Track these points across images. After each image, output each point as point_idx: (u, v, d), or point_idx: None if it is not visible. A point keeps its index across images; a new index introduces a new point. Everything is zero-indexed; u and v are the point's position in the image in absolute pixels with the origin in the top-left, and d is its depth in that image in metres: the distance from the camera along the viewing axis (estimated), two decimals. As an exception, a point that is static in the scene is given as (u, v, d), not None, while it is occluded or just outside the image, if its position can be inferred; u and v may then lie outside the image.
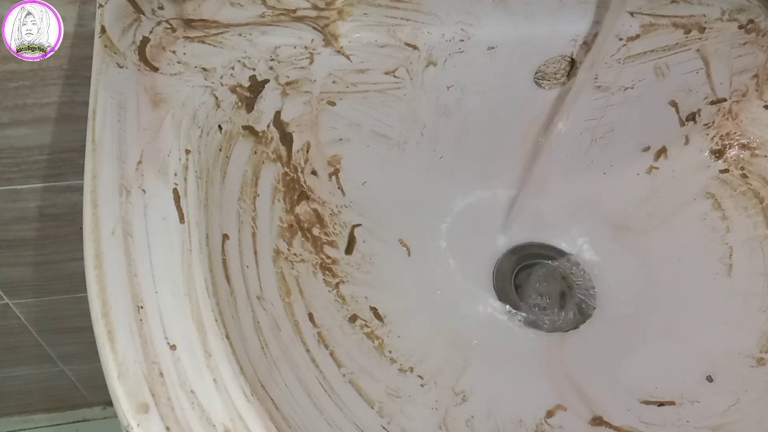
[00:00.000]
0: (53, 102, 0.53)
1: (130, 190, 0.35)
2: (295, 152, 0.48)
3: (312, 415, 0.39)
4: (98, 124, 0.37)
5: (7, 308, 0.78)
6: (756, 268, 0.49)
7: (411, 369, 0.46)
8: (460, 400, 0.45)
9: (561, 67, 0.48)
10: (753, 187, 0.51)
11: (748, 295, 0.49)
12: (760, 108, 0.51)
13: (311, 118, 0.47)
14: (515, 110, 0.50)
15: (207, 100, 0.41)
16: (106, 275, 0.32)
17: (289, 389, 0.39)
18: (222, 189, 0.41)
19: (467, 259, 0.52)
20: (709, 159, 0.53)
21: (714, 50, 0.49)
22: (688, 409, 0.46)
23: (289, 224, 0.47)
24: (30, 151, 0.57)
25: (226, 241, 0.39)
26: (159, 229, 0.34)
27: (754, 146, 0.52)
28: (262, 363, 0.38)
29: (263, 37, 0.43)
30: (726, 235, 0.51)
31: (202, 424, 0.29)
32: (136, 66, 0.40)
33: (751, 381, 0.46)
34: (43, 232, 0.67)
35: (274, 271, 0.44)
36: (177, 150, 0.37)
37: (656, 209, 0.54)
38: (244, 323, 0.38)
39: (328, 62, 0.44)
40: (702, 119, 0.52)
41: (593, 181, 0.54)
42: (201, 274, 0.33)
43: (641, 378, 0.47)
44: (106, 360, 0.30)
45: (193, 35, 0.42)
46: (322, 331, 0.44)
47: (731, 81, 0.51)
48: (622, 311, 0.51)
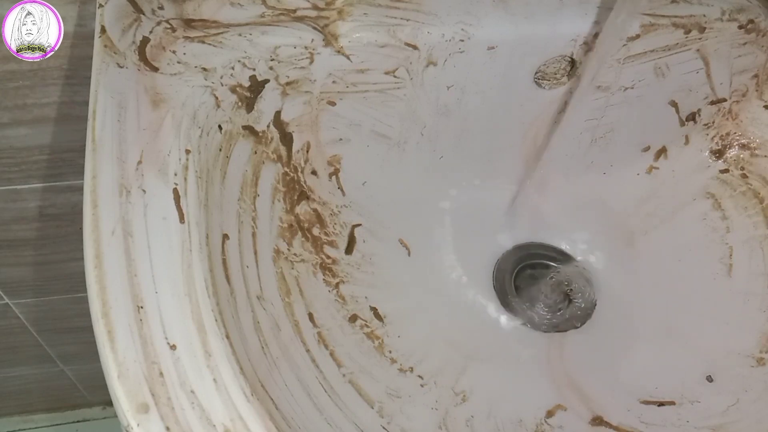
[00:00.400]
0: (53, 102, 0.53)
1: (130, 190, 0.35)
2: (295, 152, 0.48)
3: (312, 415, 0.39)
4: (98, 124, 0.37)
5: (7, 308, 0.78)
6: (756, 268, 0.49)
7: (411, 369, 0.46)
8: (460, 400, 0.45)
9: (561, 67, 0.48)
10: (753, 187, 0.51)
11: (748, 295, 0.49)
12: (760, 108, 0.51)
13: (311, 118, 0.47)
14: (515, 110, 0.50)
15: (207, 100, 0.41)
16: (106, 275, 0.32)
17: (289, 389, 0.39)
18: (222, 189, 0.41)
19: (467, 259, 0.52)
20: (709, 159, 0.53)
21: (714, 50, 0.49)
22: (688, 409, 0.46)
23: (289, 224, 0.47)
24: (30, 151, 0.57)
25: (226, 241, 0.39)
26: (159, 229, 0.34)
27: (754, 146, 0.52)
28: (262, 363, 0.38)
29: (263, 37, 0.43)
30: (726, 235, 0.51)
31: (202, 424, 0.29)
32: (136, 66, 0.40)
33: (751, 381, 0.46)
34: (43, 232, 0.67)
35: (274, 271, 0.44)
36: (177, 150, 0.37)
37: (656, 209, 0.54)
38: (244, 323, 0.38)
39: (328, 62, 0.44)
40: (702, 119, 0.52)
41: (593, 181, 0.54)
42: (201, 274, 0.33)
43: (641, 378, 0.47)
44: (106, 360, 0.30)
45: (193, 35, 0.42)
46: (322, 331, 0.44)
47: (731, 81, 0.51)
48: (622, 311, 0.51)
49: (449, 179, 0.53)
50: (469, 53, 0.46)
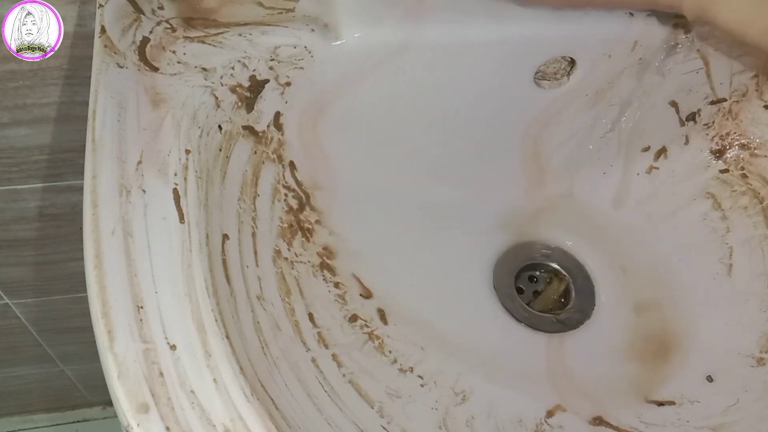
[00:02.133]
0: (53, 102, 0.53)
1: (130, 190, 0.35)
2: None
3: (312, 415, 0.39)
4: (98, 124, 0.37)
5: (7, 308, 0.78)
6: (756, 268, 0.49)
7: (411, 369, 0.46)
8: (460, 400, 0.45)
9: (561, 67, 0.48)
10: (753, 187, 0.51)
11: (748, 295, 0.49)
12: (760, 108, 0.51)
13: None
14: (515, 110, 0.50)
15: (207, 100, 0.41)
16: (106, 275, 0.32)
17: (289, 389, 0.39)
18: (222, 189, 0.41)
19: (467, 260, 0.52)
20: (709, 159, 0.53)
21: (714, 50, 0.48)
22: (688, 409, 0.46)
23: (290, 224, 0.47)
24: (30, 151, 0.57)
25: (226, 241, 0.39)
26: (159, 229, 0.34)
27: (754, 146, 0.52)
28: (262, 363, 0.38)
29: (263, 37, 0.43)
30: (726, 235, 0.51)
31: (202, 424, 0.29)
32: (136, 66, 0.40)
33: (751, 381, 0.46)
34: (43, 232, 0.67)
35: (275, 271, 0.44)
36: (177, 150, 0.37)
37: (656, 209, 0.54)
38: (244, 323, 0.38)
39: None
40: (702, 119, 0.52)
41: (593, 181, 0.54)
42: (201, 274, 0.33)
43: (641, 378, 0.47)
44: (106, 360, 0.30)
45: (193, 35, 0.42)
46: (322, 331, 0.44)
47: (731, 81, 0.50)
48: (621, 311, 0.51)
49: (449, 179, 0.53)
50: (468, 53, 0.46)
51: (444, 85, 0.47)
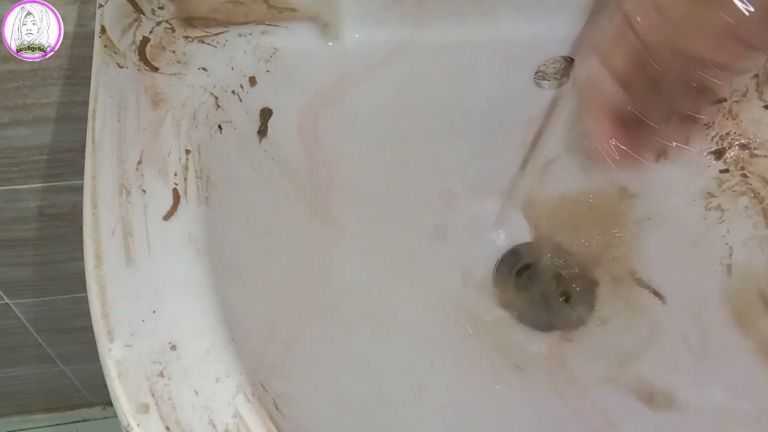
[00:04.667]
0: (53, 102, 0.53)
1: (130, 190, 0.35)
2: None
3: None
4: (98, 124, 0.37)
5: (7, 308, 0.78)
6: (756, 267, 0.49)
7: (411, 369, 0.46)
8: (460, 400, 0.45)
9: (561, 67, 0.48)
10: (753, 187, 0.51)
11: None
12: (760, 108, 0.51)
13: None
14: (515, 110, 0.50)
15: (207, 100, 0.41)
16: (106, 275, 0.32)
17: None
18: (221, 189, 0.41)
19: (467, 260, 0.52)
20: (709, 159, 0.53)
21: (714, 50, 0.48)
22: (688, 408, 0.46)
23: (289, 224, 0.47)
24: (30, 151, 0.57)
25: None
26: (159, 229, 0.34)
27: (754, 146, 0.52)
28: (262, 363, 0.38)
29: (263, 37, 0.43)
30: (726, 235, 0.51)
31: (202, 424, 0.29)
32: (136, 66, 0.40)
33: (752, 382, 0.46)
34: (43, 232, 0.67)
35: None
36: (177, 150, 0.37)
37: (656, 209, 0.54)
38: (245, 323, 0.38)
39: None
40: (702, 119, 0.52)
41: (593, 181, 0.54)
42: (201, 273, 0.33)
43: (641, 378, 0.47)
44: (106, 360, 0.30)
45: (193, 35, 0.42)
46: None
47: (731, 81, 0.50)
48: (622, 311, 0.51)
49: (448, 178, 0.53)
50: (468, 53, 0.46)
51: (444, 85, 0.47)
